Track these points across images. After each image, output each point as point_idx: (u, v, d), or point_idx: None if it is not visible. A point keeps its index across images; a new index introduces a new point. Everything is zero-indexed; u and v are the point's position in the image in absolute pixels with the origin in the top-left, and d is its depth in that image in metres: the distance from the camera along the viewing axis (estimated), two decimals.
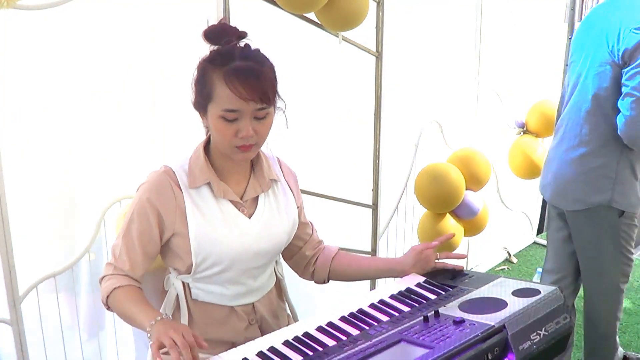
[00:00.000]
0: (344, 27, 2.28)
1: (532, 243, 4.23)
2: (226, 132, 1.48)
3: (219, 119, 1.48)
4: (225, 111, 1.46)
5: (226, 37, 1.50)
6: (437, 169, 2.73)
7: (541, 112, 3.38)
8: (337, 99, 2.66)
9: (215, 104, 1.47)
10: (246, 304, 1.66)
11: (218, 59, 1.48)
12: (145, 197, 1.55)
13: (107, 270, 1.59)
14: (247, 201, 1.62)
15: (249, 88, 1.44)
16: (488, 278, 1.68)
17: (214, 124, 1.49)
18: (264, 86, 1.47)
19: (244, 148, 1.51)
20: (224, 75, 1.45)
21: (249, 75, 1.45)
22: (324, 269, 1.80)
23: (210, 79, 1.47)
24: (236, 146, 1.50)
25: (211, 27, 1.52)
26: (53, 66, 1.90)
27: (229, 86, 1.44)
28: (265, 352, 1.40)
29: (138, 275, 1.58)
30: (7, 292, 1.83)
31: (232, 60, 1.47)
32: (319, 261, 1.81)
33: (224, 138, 1.50)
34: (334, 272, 1.80)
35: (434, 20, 2.99)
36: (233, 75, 1.44)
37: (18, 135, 1.88)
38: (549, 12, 3.86)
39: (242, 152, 1.52)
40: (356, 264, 1.80)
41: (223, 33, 1.51)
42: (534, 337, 1.41)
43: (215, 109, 1.48)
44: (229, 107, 1.46)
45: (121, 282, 1.54)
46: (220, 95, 1.46)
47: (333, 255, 1.80)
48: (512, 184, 3.70)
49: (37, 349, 1.98)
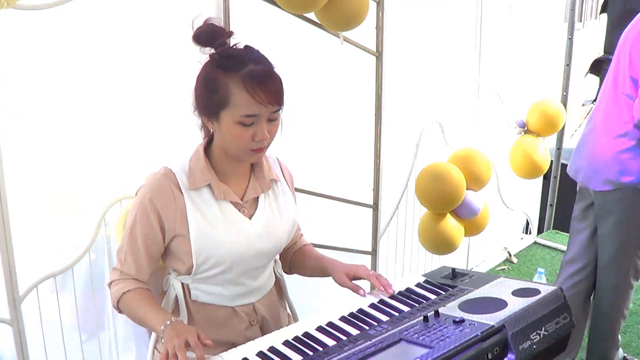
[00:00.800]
0: (344, 27, 2.28)
1: (532, 243, 4.22)
2: (243, 136, 1.48)
3: (236, 124, 1.47)
4: (244, 117, 1.45)
5: (219, 38, 1.49)
6: (438, 169, 2.73)
7: (541, 112, 3.38)
8: (337, 99, 2.66)
9: (232, 110, 1.46)
10: (246, 304, 1.66)
11: (228, 65, 1.46)
12: (146, 200, 1.55)
13: (114, 275, 1.60)
14: (247, 202, 1.62)
15: (267, 92, 1.44)
16: (488, 278, 1.68)
17: (230, 130, 1.48)
18: (279, 89, 1.48)
19: (259, 150, 1.52)
20: (242, 81, 1.44)
21: (266, 79, 1.45)
22: (286, 259, 1.83)
23: (225, 85, 1.45)
24: (251, 149, 1.50)
25: (200, 29, 1.50)
26: (53, 66, 1.90)
27: (250, 92, 1.43)
28: (265, 352, 1.40)
29: (145, 278, 1.59)
30: (7, 292, 1.83)
31: (244, 65, 1.45)
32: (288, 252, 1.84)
33: (240, 142, 1.49)
34: (292, 263, 1.83)
35: (434, 20, 2.99)
36: (253, 81, 1.43)
37: (18, 135, 1.88)
38: (549, 12, 3.86)
39: (256, 154, 1.53)
40: (308, 260, 1.80)
41: (215, 34, 1.50)
42: (534, 336, 1.41)
43: (232, 115, 1.46)
44: (249, 112, 1.45)
45: (130, 286, 1.56)
46: (238, 101, 1.45)
47: (298, 248, 1.82)
48: (513, 184, 3.69)
49: (37, 349, 1.98)
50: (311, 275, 1.81)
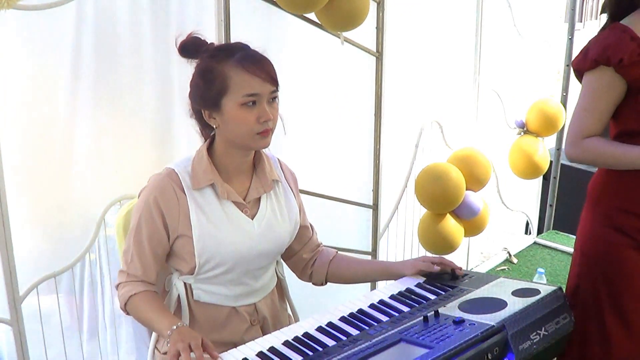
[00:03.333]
0: (344, 27, 2.28)
1: (532, 243, 4.22)
2: (248, 118, 1.50)
3: (240, 107, 1.49)
4: (245, 96, 1.48)
5: (202, 47, 1.56)
6: (438, 169, 2.73)
7: (541, 112, 3.38)
8: (337, 99, 2.66)
9: (233, 93, 1.49)
10: (248, 305, 1.66)
11: (221, 54, 1.52)
12: (150, 200, 1.55)
13: (121, 278, 1.60)
14: (249, 202, 1.62)
15: (263, 70, 1.50)
16: (488, 278, 1.68)
17: (234, 115, 1.50)
18: (272, 69, 1.53)
19: (265, 133, 1.53)
20: (238, 63, 1.49)
21: (260, 59, 1.52)
22: (321, 272, 1.80)
23: (221, 72, 1.49)
24: (257, 132, 1.52)
25: (184, 42, 1.56)
26: (53, 66, 1.90)
27: (248, 70, 1.48)
28: (266, 352, 1.40)
29: (152, 279, 1.60)
30: (7, 292, 1.83)
31: (236, 51, 1.52)
32: (317, 263, 1.81)
33: (246, 126, 1.50)
34: (332, 275, 1.80)
35: (434, 20, 2.99)
36: (247, 61, 1.49)
37: (18, 135, 1.88)
38: (549, 12, 3.86)
39: (262, 138, 1.53)
40: (355, 266, 1.80)
41: (199, 46, 1.56)
42: (534, 337, 1.42)
43: (234, 98, 1.49)
44: (250, 91, 1.48)
45: (137, 289, 1.56)
46: (238, 82, 1.48)
47: (331, 258, 1.81)
48: (513, 184, 3.69)
49: (37, 349, 1.98)
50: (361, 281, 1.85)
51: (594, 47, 1.75)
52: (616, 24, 1.76)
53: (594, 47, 1.75)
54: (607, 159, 1.81)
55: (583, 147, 1.81)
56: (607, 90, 1.76)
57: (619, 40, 1.71)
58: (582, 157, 1.85)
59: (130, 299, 1.56)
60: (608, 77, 1.73)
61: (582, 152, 1.82)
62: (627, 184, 1.82)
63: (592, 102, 1.78)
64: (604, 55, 1.71)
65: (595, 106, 1.78)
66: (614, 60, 1.70)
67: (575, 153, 1.84)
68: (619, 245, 1.82)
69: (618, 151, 1.78)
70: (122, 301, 1.58)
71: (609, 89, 1.75)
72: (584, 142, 1.81)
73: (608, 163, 1.83)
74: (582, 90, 1.83)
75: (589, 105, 1.79)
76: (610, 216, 1.85)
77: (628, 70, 1.70)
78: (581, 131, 1.81)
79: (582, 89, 1.84)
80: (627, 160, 1.76)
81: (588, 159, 1.86)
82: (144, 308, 1.55)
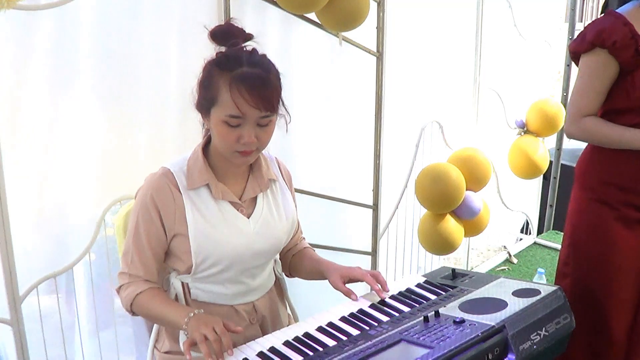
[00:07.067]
0: (344, 27, 2.28)
1: (532, 243, 4.22)
2: (228, 137, 1.48)
3: (222, 123, 1.47)
4: (228, 117, 1.45)
5: (232, 38, 1.49)
6: (438, 169, 2.73)
7: (541, 112, 3.38)
8: (338, 99, 2.66)
9: (219, 108, 1.46)
10: (246, 303, 1.66)
11: (225, 63, 1.47)
12: (147, 199, 1.55)
13: (123, 280, 1.60)
14: (245, 201, 1.62)
15: (254, 96, 1.43)
16: (488, 278, 1.68)
17: (217, 128, 1.49)
18: (269, 95, 1.46)
19: (245, 153, 1.51)
20: (231, 81, 1.44)
21: (255, 82, 1.44)
22: (285, 262, 1.82)
23: (216, 83, 1.46)
24: (237, 151, 1.50)
25: (218, 27, 1.51)
26: (53, 66, 1.90)
27: (235, 93, 1.43)
28: (266, 352, 1.40)
29: (154, 278, 1.60)
30: (7, 292, 1.83)
31: (239, 66, 1.45)
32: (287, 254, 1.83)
33: (225, 142, 1.49)
34: (292, 267, 1.83)
35: (434, 20, 2.99)
36: (240, 82, 1.43)
37: (18, 135, 1.88)
38: (549, 12, 3.86)
39: (242, 156, 1.52)
40: (306, 262, 1.79)
41: (230, 34, 1.50)
42: (534, 337, 1.42)
43: (219, 113, 1.47)
44: (233, 113, 1.45)
45: (142, 287, 1.57)
46: (225, 100, 1.45)
47: (294, 252, 1.82)
48: (513, 184, 3.69)
49: (37, 349, 1.98)
50: (310, 278, 1.81)
51: (590, 31, 1.90)
52: (610, 10, 1.91)
53: (590, 31, 1.90)
54: (603, 137, 1.95)
55: (581, 126, 1.97)
56: (603, 71, 1.90)
57: (612, 24, 1.86)
58: (580, 135, 2.00)
59: (136, 298, 1.56)
60: (603, 58, 1.88)
61: (580, 130, 1.97)
62: (609, 159, 1.98)
63: (589, 82, 1.93)
64: (599, 37, 1.86)
65: (592, 86, 1.93)
66: (608, 43, 1.84)
67: (574, 131, 2.00)
68: (603, 215, 2.01)
69: (614, 131, 1.92)
70: (128, 302, 1.58)
71: (604, 70, 1.90)
72: (582, 121, 1.96)
73: (603, 142, 1.98)
74: (579, 72, 1.98)
75: (586, 86, 1.94)
76: (594, 189, 2.03)
77: (620, 52, 1.85)
78: (579, 110, 1.96)
79: (579, 71, 1.98)
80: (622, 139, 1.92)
81: (586, 137, 2.01)
82: (152, 304, 1.55)
